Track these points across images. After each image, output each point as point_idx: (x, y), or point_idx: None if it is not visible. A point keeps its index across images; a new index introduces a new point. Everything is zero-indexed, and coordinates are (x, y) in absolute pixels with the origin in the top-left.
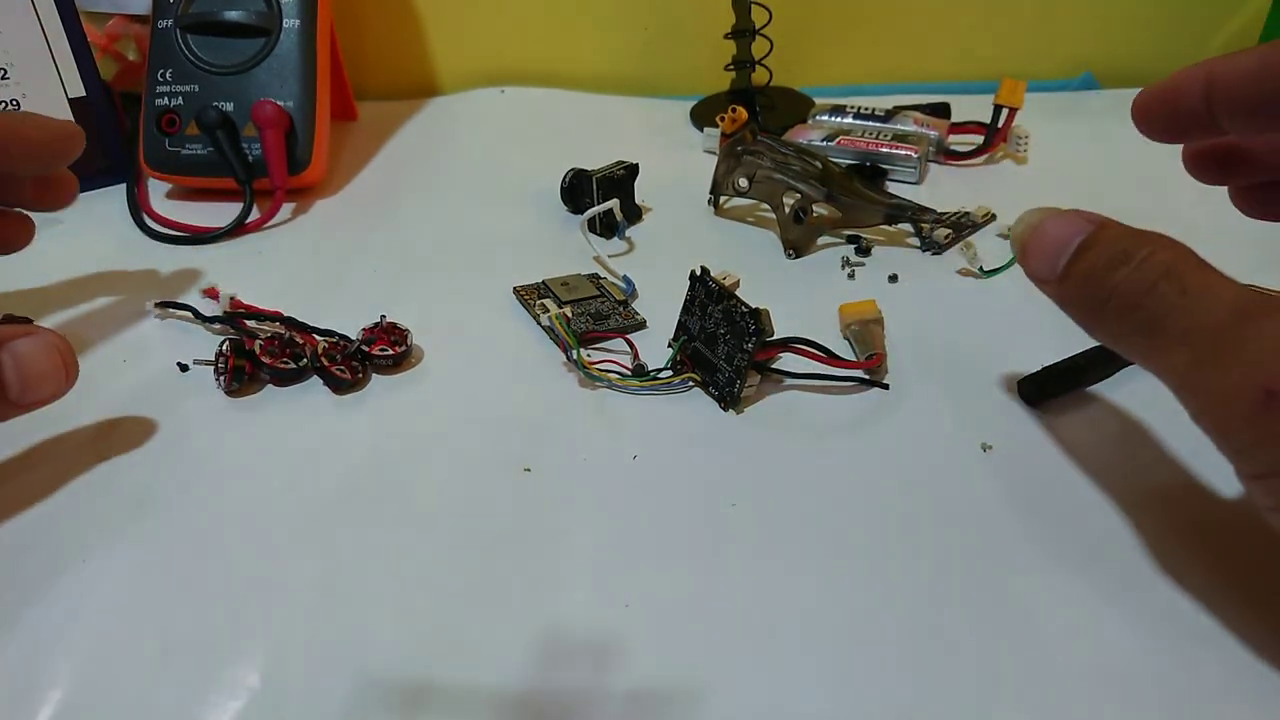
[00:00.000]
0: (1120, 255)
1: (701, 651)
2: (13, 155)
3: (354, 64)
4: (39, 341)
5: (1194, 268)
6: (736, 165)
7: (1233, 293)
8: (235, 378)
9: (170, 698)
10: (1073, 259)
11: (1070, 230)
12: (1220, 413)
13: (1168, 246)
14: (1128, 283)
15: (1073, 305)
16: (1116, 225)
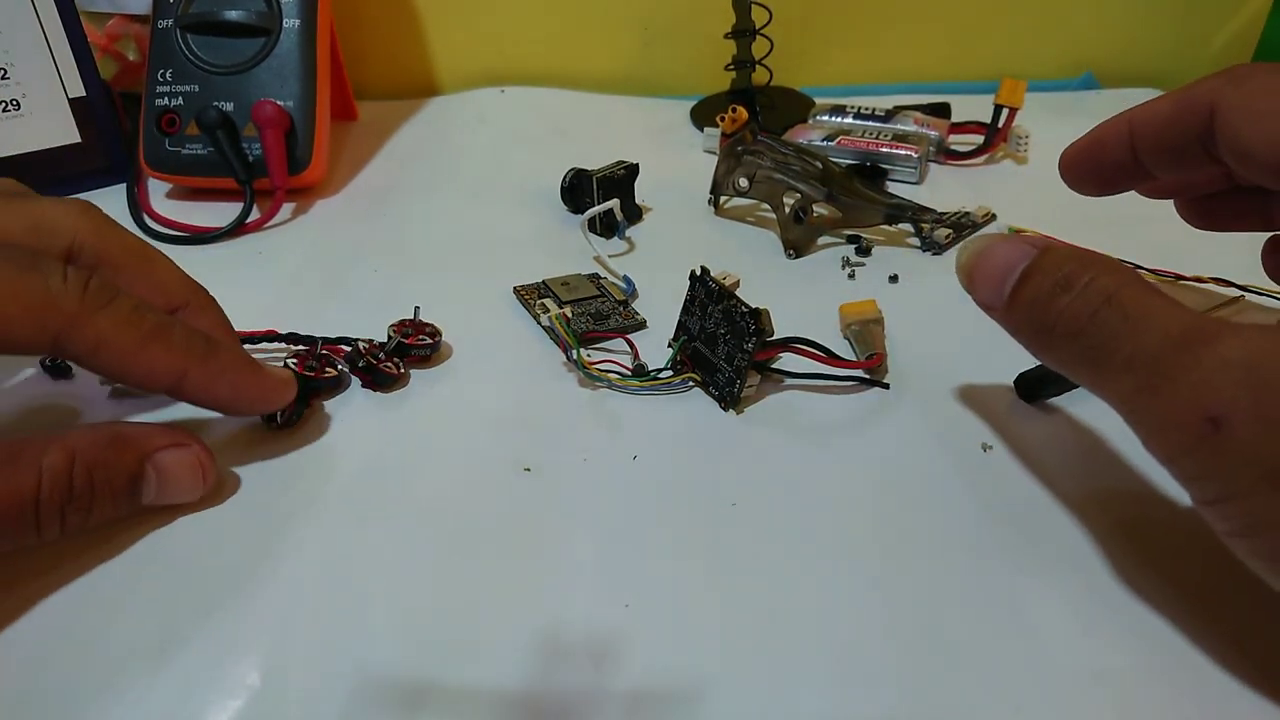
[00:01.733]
0: (1063, 281)
1: (701, 651)
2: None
3: (354, 64)
4: (184, 456)
5: (1136, 293)
6: (736, 165)
7: (1175, 318)
8: (299, 406)
9: (170, 698)
10: (1017, 285)
11: (1014, 256)
12: (1166, 440)
13: (1110, 271)
14: (1071, 309)
15: (1019, 331)
16: (1060, 249)
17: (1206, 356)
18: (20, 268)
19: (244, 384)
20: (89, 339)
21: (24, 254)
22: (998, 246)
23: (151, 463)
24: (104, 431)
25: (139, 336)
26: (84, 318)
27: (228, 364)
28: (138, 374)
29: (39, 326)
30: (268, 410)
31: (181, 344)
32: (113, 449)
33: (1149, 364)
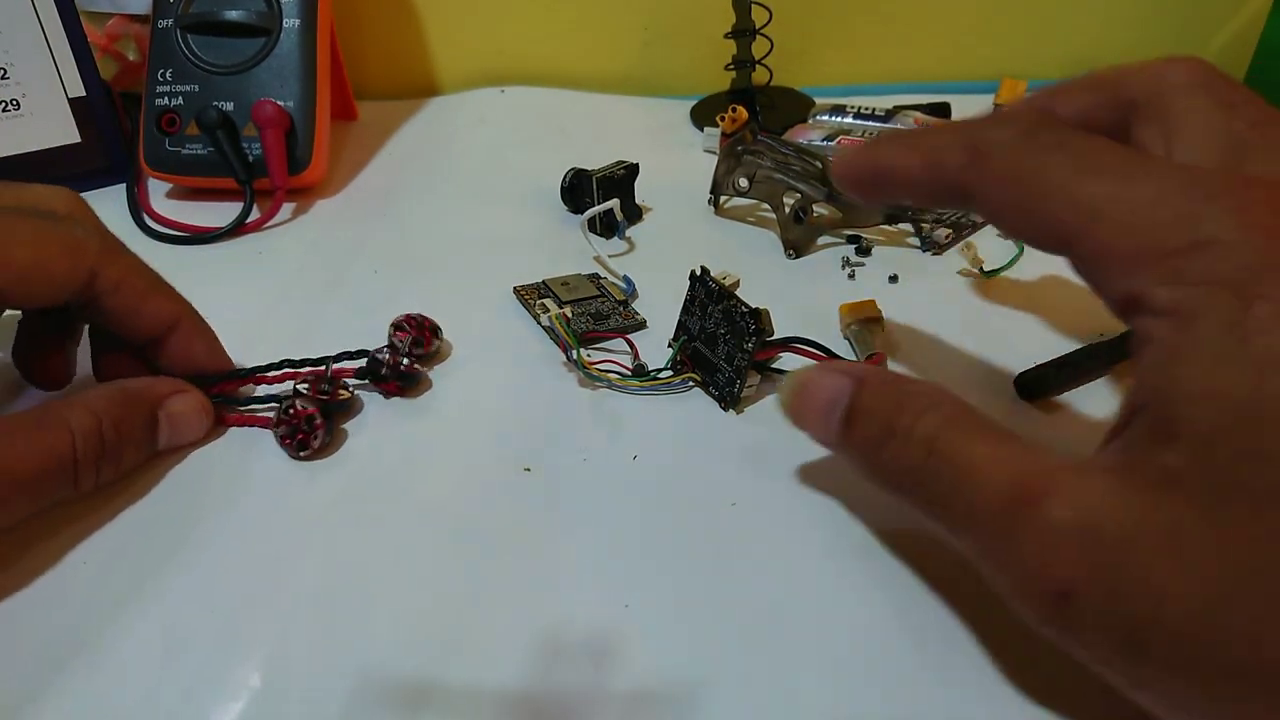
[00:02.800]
0: (886, 427)
1: (701, 651)
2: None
3: (354, 64)
4: (190, 400)
5: (956, 439)
6: (736, 165)
7: (1000, 468)
8: (328, 430)
9: (170, 697)
10: (842, 427)
11: (830, 393)
12: (1023, 611)
13: (929, 409)
14: (897, 461)
15: (862, 474)
16: (875, 383)
17: (1037, 522)
18: (48, 220)
19: (215, 343)
20: (112, 277)
21: (44, 211)
22: (815, 380)
23: (163, 410)
24: (116, 389)
25: (150, 280)
26: (107, 257)
27: (205, 323)
28: (146, 314)
29: (74, 263)
30: (225, 369)
31: (178, 294)
32: (129, 403)
33: (983, 528)
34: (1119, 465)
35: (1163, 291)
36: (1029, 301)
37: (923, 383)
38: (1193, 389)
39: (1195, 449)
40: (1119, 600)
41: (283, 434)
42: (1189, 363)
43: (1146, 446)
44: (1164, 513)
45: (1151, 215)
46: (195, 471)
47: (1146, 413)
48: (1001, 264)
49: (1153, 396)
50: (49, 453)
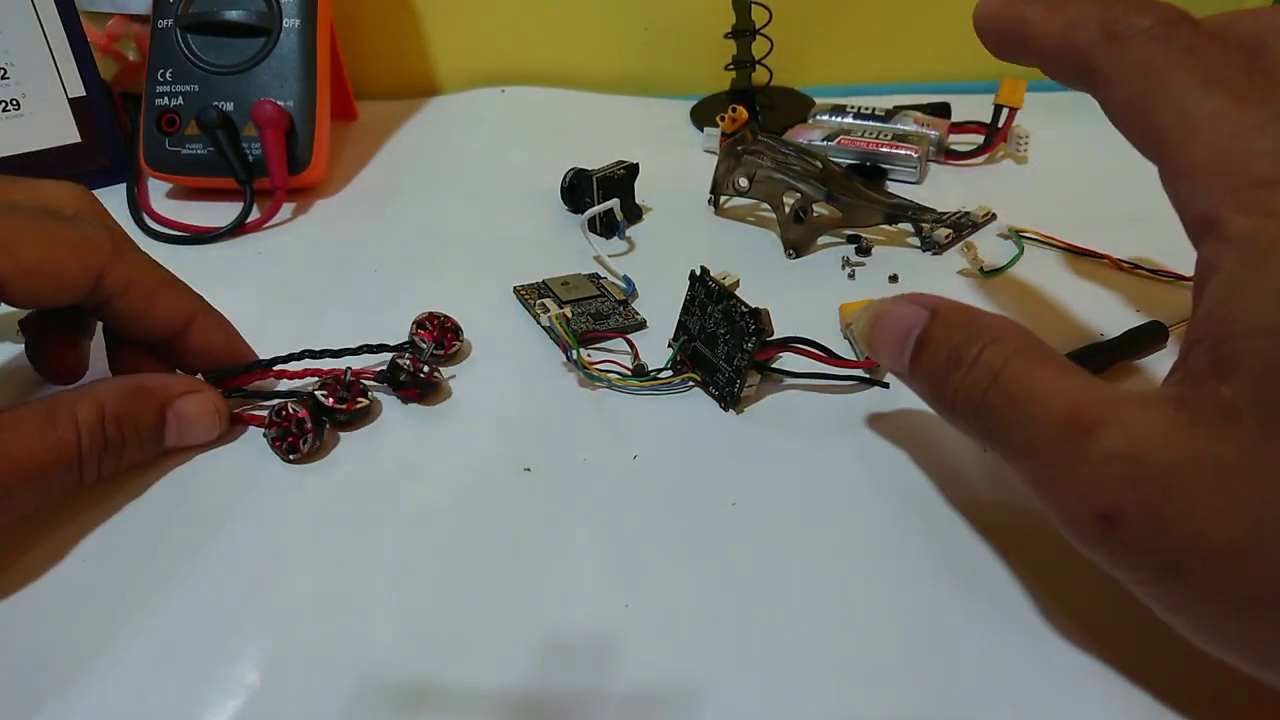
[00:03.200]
0: (953, 355)
1: (701, 651)
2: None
3: (354, 64)
4: (201, 401)
5: (1021, 369)
6: (736, 165)
7: (1059, 400)
8: (318, 434)
9: (170, 697)
10: (913, 356)
11: (905, 322)
12: (1071, 534)
13: (997, 340)
14: (963, 389)
15: (928, 401)
16: (948, 313)
17: (1091, 449)
18: (58, 220)
19: (233, 334)
20: (122, 277)
21: (54, 209)
22: (890, 310)
23: (172, 409)
24: (127, 383)
25: (159, 277)
26: (118, 257)
27: (221, 315)
28: (157, 314)
29: (84, 265)
30: (246, 360)
31: (190, 290)
32: (137, 398)
33: (1039, 455)
34: (1176, 397)
35: (1240, 219)
36: (1029, 301)
37: (995, 316)
38: (1256, 324)
39: (1253, 384)
40: (1163, 526)
41: (273, 436)
42: (1254, 297)
43: (1205, 379)
44: (1215, 444)
45: (1249, 142)
46: (196, 470)
47: (1206, 345)
48: (1001, 264)
49: (1214, 329)
50: (57, 446)
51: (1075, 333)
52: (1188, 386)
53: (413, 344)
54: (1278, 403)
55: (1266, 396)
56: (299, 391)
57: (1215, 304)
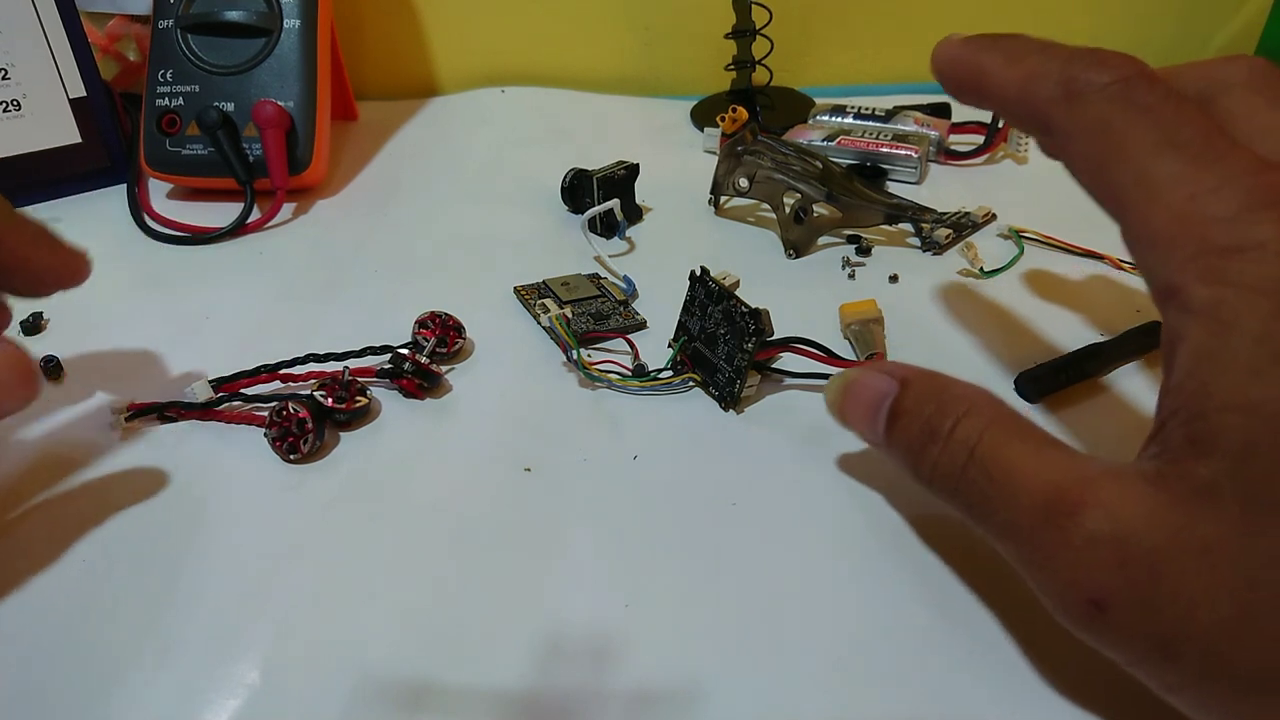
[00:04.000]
0: (928, 429)
1: (701, 651)
2: (15, 285)
3: (354, 64)
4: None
5: (997, 444)
6: (737, 165)
7: (1039, 477)
8: (318, 434)
9: (170, 696)
10: (887, 428)
11: (876, 393)
12: (1061, 617)
13: (971, 413)
14: (941, 465)
15: (907, 473)
16: (919, 383)
17: (1074, 533)
18: None
19: (57, 245)
20: None
21: None
22: (860, 380)
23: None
24: None
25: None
26: None
27: (40, 228)
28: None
29: None
30: (74, 284)
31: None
32: None
33: (1022, 538)
34: (1155, 474)
35: (1201, 289)
36: (1029, 302)
37: (966, 385)
38: (1228, 399)
39: (1230, 462)
40: (1152, 610)
41: (274, 436)
42: (1224, 371)
43: (1183, 456)
44: (1199, 525)
45: (1207, 207)
46: (196, 470)
47: (1181, 419)
48: (1001, 264)
49: (1188, 402)
50: None
51: (1075, 333)
52: (1166, 463)
53: (415, 343)
54: (1256, 481)
55: (1245, 475)
56: (299, 392)
57: (1186, 376)
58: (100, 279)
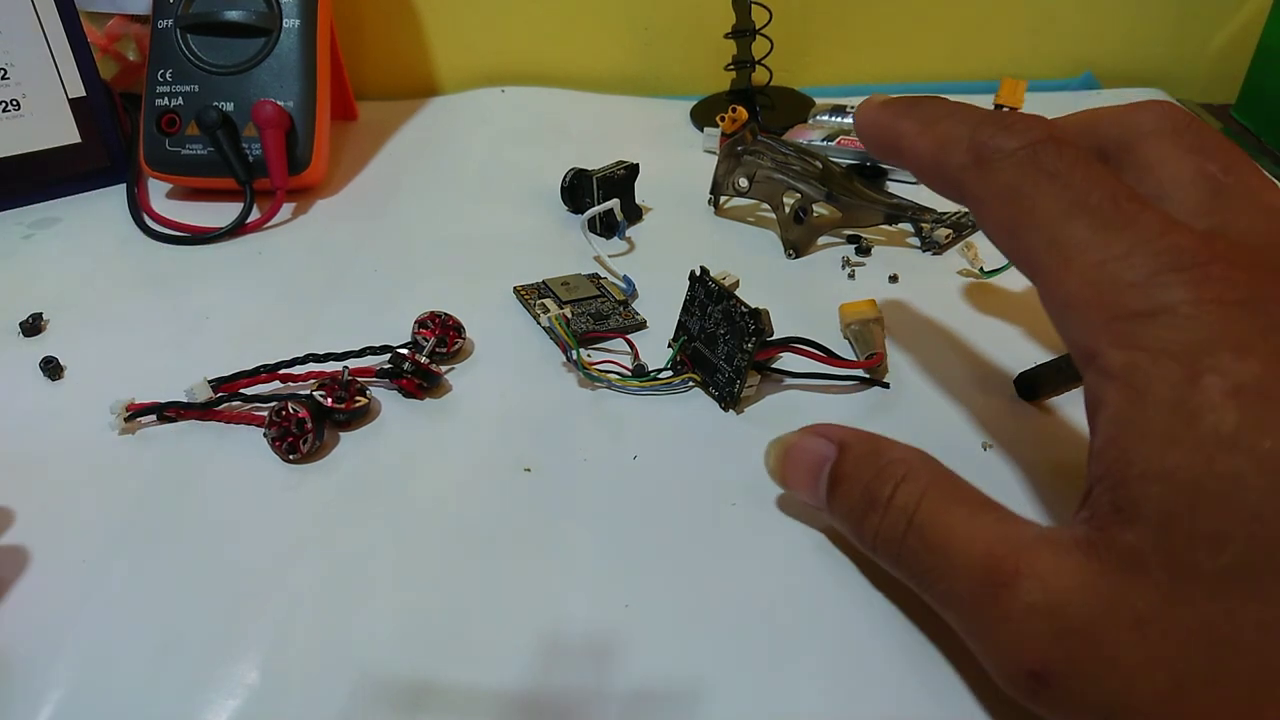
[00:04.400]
0: (867, 497)
1: (701, 651)
2: None
3: (354, 64)
4: None
5: (935, 511)
6: (736, 165)
7: (975, 545)
8: (318, 434)
9: (170, 696)
10: (829, 493)
11: (815, 458)
12: (1006, 688)
13: (908, 478)
14: (881, 534)
15: (852, 540)
16: (855, 446)
17: (1011, 604)
18: None
19: None
20: None
21: None
22: (798, 445)
23: None
24: None
25: None
26: None
27: None
28: None
29: None
30: None
31: None
32: None
33: (963, 609)
34: (1086, 541)
35: (1116, 353)
36: (1029, 301)
37: (903, 447)
38: (1146, 468)
39: (1153, 530)
40: (1092, 681)
41: (274, 436)
42: (1141, 438)
43: (1110, 522)
44: (1130, 595)
45: (1117, 272)
46: (196, 470)
47: (1106, 484)
48: (1002, 264)
49: (1111, 468)
50: None
51: None
52: (1095, 529)
53: (415, 343)
54: (1177, 551)
55: (1167, 544)
56: (298, 392)
57: (1107, 442)
58: (100, 279)
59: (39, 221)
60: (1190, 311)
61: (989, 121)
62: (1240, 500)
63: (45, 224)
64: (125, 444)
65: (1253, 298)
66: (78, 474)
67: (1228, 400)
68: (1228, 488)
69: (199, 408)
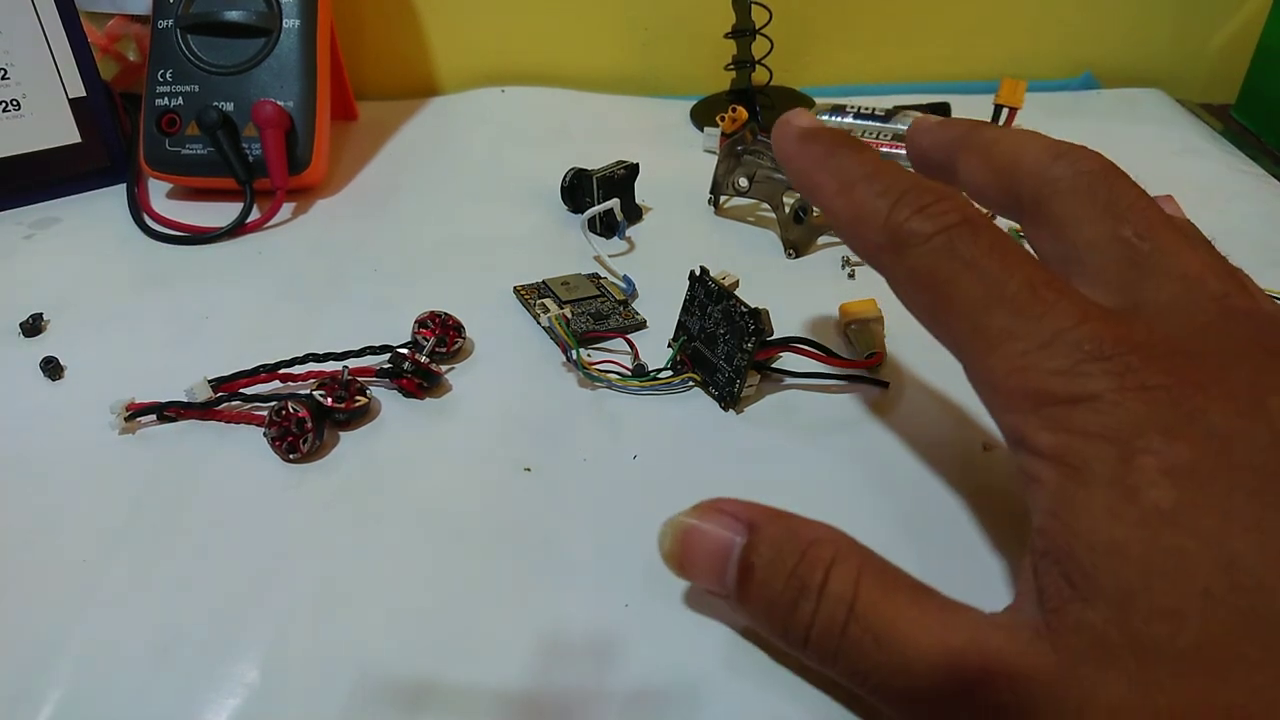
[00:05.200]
0: (796, 585)
1: (701, 651)
2: None
3: (354, 64)
4: None
5: (876, 600)
6: (736, 165)
7: (930, 641)
8: (318, 434)
9: (170, 696)
10: (739, 584)
11: (719, 544)
12: None
13: (838, 560)
14: (817, 627)
15: (768, 633)
16: (770, 526)
17: (981, 708)
18: None
19: None
20: None
21: None
22: (698, 530)
23: None
24: None
25: None
26: None
27: None
28: None
29: None
30: None
31: None
32: None
33: (921, 711)
34: (1046, 628)
35: (1047, 435)
36: None
37: (819, 525)
38: (1094, 540)
39: (1113, 607)
40: None
41: (274, 436)
42: (1083, 513)
43: (1065, 600)
44: (1103, 687)
45: (1040, 360)
46: (196, 470)
47: (1053, 559)
48: None
49: (1055, 542)
50: None
51: None
52: (1051, 611)
53: (415, 342)
54: (1140, 629)
55: (1129, 623)
56: (298, 391)
57: (1049, 517)
58: (100, 279)
59: (39, 221)
60: (1115, 399)
61: (905, 201)
62: (1190, 576)
63: (45, 224)
64: (125, 444)
65: (1173, 384)
66: (78, 474)
67: (1163, 478)
68: (1176, 563)
69: (199, 407)
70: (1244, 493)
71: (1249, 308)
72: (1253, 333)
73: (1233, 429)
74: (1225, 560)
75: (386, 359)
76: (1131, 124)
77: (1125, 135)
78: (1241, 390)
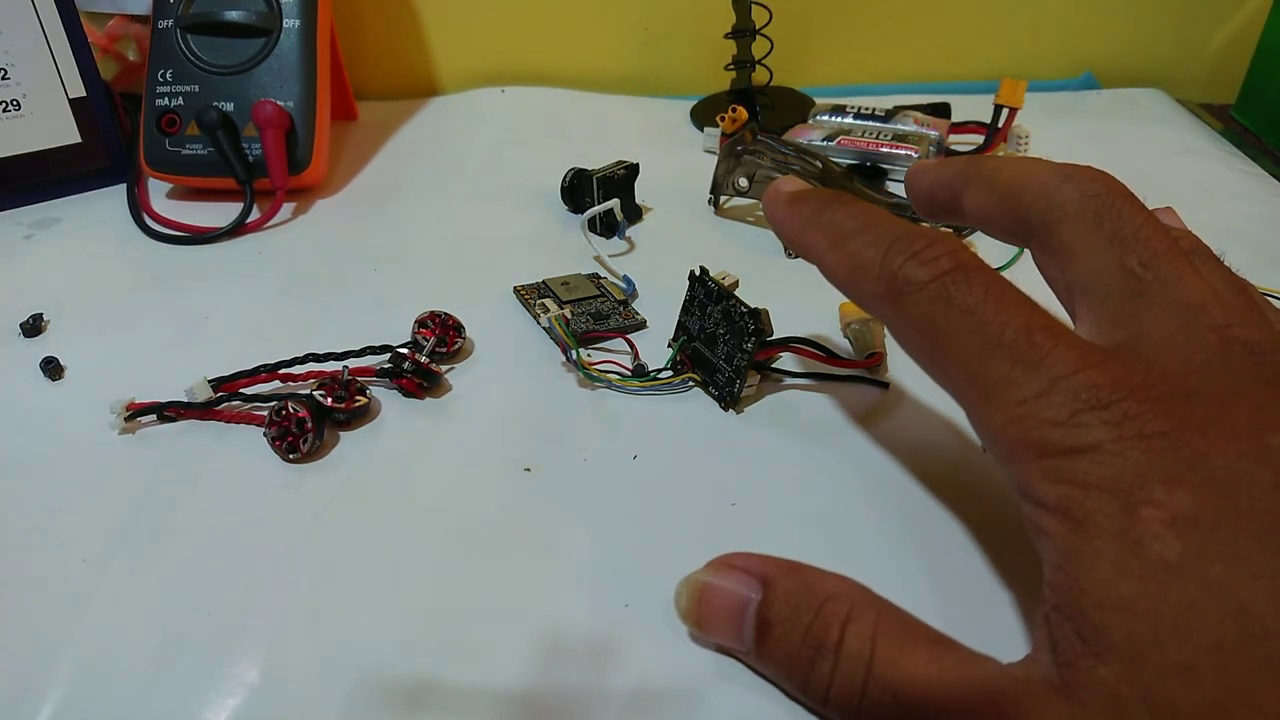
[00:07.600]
0: (812, 641)
1: (701, 651)
2: None
3: (354, 64)
4: None
5: (893, 657)
6: (736, 165)
7: (948, 697)
8: (318, 434)
9: (170, 696)
10: (757, 640)
11: (736, 600)
12: None
13: (854, 617)
14: (836, 685)
15: (788, 687)
16: (784, 580)
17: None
18: None
19: None
20: None
21: None
22: (714, 587)
23: None
24: None
25: None
26: None
27: None
28: None
29: None
30: None
31: None
32: None
33: None
34: (1062, 684)
35: (1050, 487)
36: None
37: (835, 578)
38: (1103, 597)
39: (1126, 664)
40: None
41: (274, 436)
42: (1093, 567)
43: (1079, 656)
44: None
45: (1039, 411)
46: (197, 470)
47: (1064, 614)
48: (1001, 264)
49: (1065, 598)
50: None
51: None
52: (1065, 665)
53: (415, 342)
54: (1154, 687)
55: (1143, 680)
56: (298, 391)
57: (1057, 571)
58: (100, 279)
59: (39, 221)
60: (1115, 449)
61: (898, 249)
62: (1201, 630)
63: (45, 224)
64: (125, 444)
65: (1172, 429)
66: (78, 474)
67: (1168, 530)
68: (1187, 617)
69: (199, 407)
70: (1249, 538)
71: (1250, 338)
72: (1252, 367)
73: (1234, 473)
74: (1234, 609)
75: (386, 359)
76: (1131, 124)
77: (1125, 135)
78: (1242, 430)
